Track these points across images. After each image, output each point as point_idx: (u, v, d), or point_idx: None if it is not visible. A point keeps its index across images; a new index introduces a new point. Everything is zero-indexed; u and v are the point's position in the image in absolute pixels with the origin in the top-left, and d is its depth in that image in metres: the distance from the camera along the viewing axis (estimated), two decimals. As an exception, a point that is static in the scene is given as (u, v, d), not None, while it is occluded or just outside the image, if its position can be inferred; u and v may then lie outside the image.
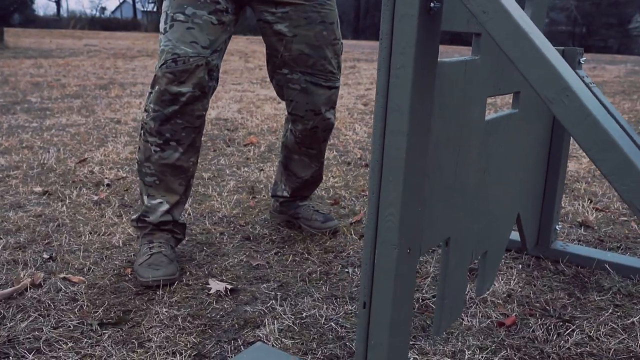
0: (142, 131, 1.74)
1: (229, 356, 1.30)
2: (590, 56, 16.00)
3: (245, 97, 5.54)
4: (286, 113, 1.97)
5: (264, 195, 2.51)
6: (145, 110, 1.71)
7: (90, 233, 2.02)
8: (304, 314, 1.50)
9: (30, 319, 1.44)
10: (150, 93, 1.69)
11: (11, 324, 1.42)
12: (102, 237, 1.99)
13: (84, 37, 15.79)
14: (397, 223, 0.94)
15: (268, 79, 7.26)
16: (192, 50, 1.63)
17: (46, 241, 1.93)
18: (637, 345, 1.41)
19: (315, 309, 1.53)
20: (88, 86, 6.12)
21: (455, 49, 15.86)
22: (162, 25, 1.70)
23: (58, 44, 12.84)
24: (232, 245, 1.96)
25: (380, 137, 0.92)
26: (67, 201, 2.34)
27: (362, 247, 1.94)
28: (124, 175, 2.74)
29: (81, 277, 1.67)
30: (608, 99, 4.05)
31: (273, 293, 1.61)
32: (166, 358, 1.29)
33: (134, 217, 1.80)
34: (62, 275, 1.68)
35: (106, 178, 2.67)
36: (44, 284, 1.63)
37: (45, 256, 1.81)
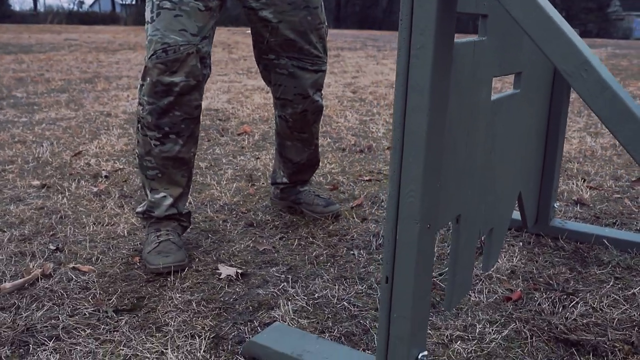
0: (139, 125, 1.72)
1: (247, 337, 1.33)
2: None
3: (233, 87, 5.53)
4: (273, 100, 1.98)
5: (262, 183, 2.52)
6: (140, 104, 1.69)
7: (94, 224, 2.02)
8: (316, 295, 1.53)
9: (45, 308, 1.45)
10: (142, 85, 1.66)
11: (27, 313, 1.43)
12: (106, 227, 2.00)
13: (63, 31, 15.58)
14: (418, 199, 0.97)
15: (254, 70, 7.25)
16: (181, 38, 1.61)
17: (51, 233, 1.93)
18: (639, 315, 1.45)
19: (326, 289, 1.56)
20: (73, 80, 6.07)
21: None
22: (148, 14, 1.66)
23: (37, 39, 12.67)
24: (236, 231, 1.98)
25: (401, 116, 0.95)
26: (67, 193, 2.34)
27: (365, 230, 1.97)
28: (121, 166, 2.74)
29: (90, 267, 1.68)
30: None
31: (283, 276, 1.64)
32: (185, 341, 1.31)
33: (139, 210, 1.81)
34: (71, 265, 1.69)
35: (103, 170, 2.67)
36: (54, 274, 1.63)
37: (52, 247, 1.82)
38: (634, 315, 1.45)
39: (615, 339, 1.34)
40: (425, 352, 1.09)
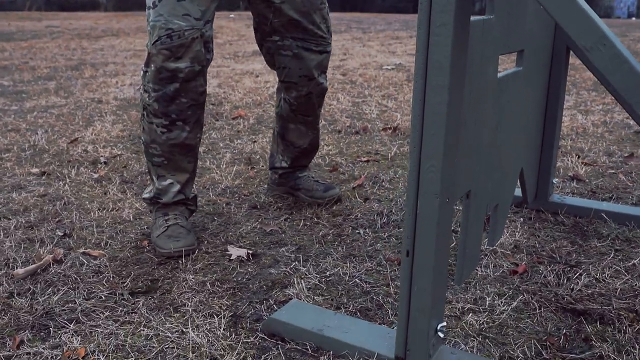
0: (144, 112, 1.71)
1: (264, 315, 1.35)
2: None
3: (222, 72, 5.51)
4: (277, 82, 1.98)
5: (262, 166, 2.54)
6: (145, 91, 1.68)
7: (99, 209, 2.03)
8: (328, 273, 1.55)
9: (61, 292, 1.47)
10: (146, 72, 1.65)
11: (43, 298, 1.44)
12: (111, 212, 2.01)
13: (43, 18, 15.35)
14: (438, 174, 0.99)
15: (240, 54, 7.21)
16: (186, 23, 1.59)
17: (57, 219, 1.94)
18: (641, 285, 1.50)
19: (337, 267, 1.59)
20: (59, 67, 6.00)
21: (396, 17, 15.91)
22: (149, 0, 1.64)
23: (18, 27, 12.47)
24: (241, 214, 2.00)
25: (421, 92, 0.97)
26: (68, 180, 2.34)
27: (368, 210, 1.99)
28: (119, 152, 2.74)
29: (101, 251, 1.70)
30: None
31: (293, 255, 1.66)
32: (204, 320, 1.33)
33: (145, 196, 1.81)
34: (81, 250, 1.70)
35: (102, 156, 2.67)
36: (65, 259, 1.65)
37: (60, 233, 1.82)
38: (636, 285, 1.50)
39: (620, 308, 1.39)
40: (444, 323, 1.12)
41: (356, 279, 1.52)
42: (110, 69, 5.90)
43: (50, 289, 1.48)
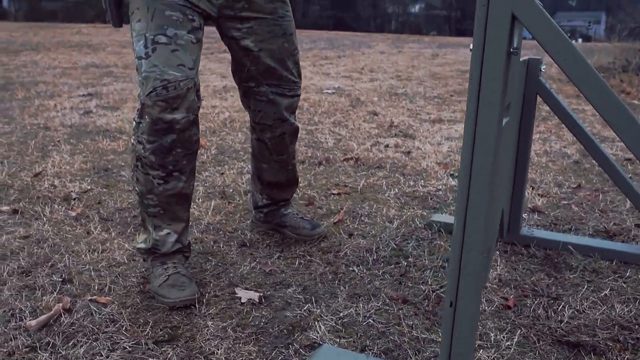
0: (138, 163, 1.71)
1: (294, 360, 1.42)
2: (467, 40, 17.04)
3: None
4: (251, 123, 2.06)
5: (238, 200, 2.59)
6: (139, 142, 1.68)
7: (89, 252, 2.02)
8: (341, 314, 1.64)
9: (84, 344, 1.47)
10: (140, 123, 1.67)
11: (67, 351, 1.44)
12: (103, 254, 2.00)
13: (-51, 28, 14.55)
14: (482, 233, 1.11)
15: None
16: (180, 74, 1.62)
17: (49, 263, 1.92)
18: (616, 315, 1.69)
19: (348, 308, 1.68)
20: (-14, 87, 5.75)
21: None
22: (140, 50, 1.64)
23: None
24: (233, 253, 2.05)
25: (467, 169, 1.09)
26: (45, 219, 2.30)
27: (356, 246, 2.09)
28: (88, 187, 2.71)
29: (108, 298, 1.70)
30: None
31: (302, 297, 1.74)
32: (239, 368, 1.39)
33: (141, 246, 1.81)
34: (88, 298, 1.70)
35: (72, 192, 2.63)
36: (74, 308, 1.64)
37: (58, 279, 1.81)
38: (612, 314, 1.69)
39: (606, 338, 1.56)
40: (477, 365, 1.24)
41: (369, 320, 1.62)
42: (42, 89, 5.72)
43: (71, 342, 1.48)
